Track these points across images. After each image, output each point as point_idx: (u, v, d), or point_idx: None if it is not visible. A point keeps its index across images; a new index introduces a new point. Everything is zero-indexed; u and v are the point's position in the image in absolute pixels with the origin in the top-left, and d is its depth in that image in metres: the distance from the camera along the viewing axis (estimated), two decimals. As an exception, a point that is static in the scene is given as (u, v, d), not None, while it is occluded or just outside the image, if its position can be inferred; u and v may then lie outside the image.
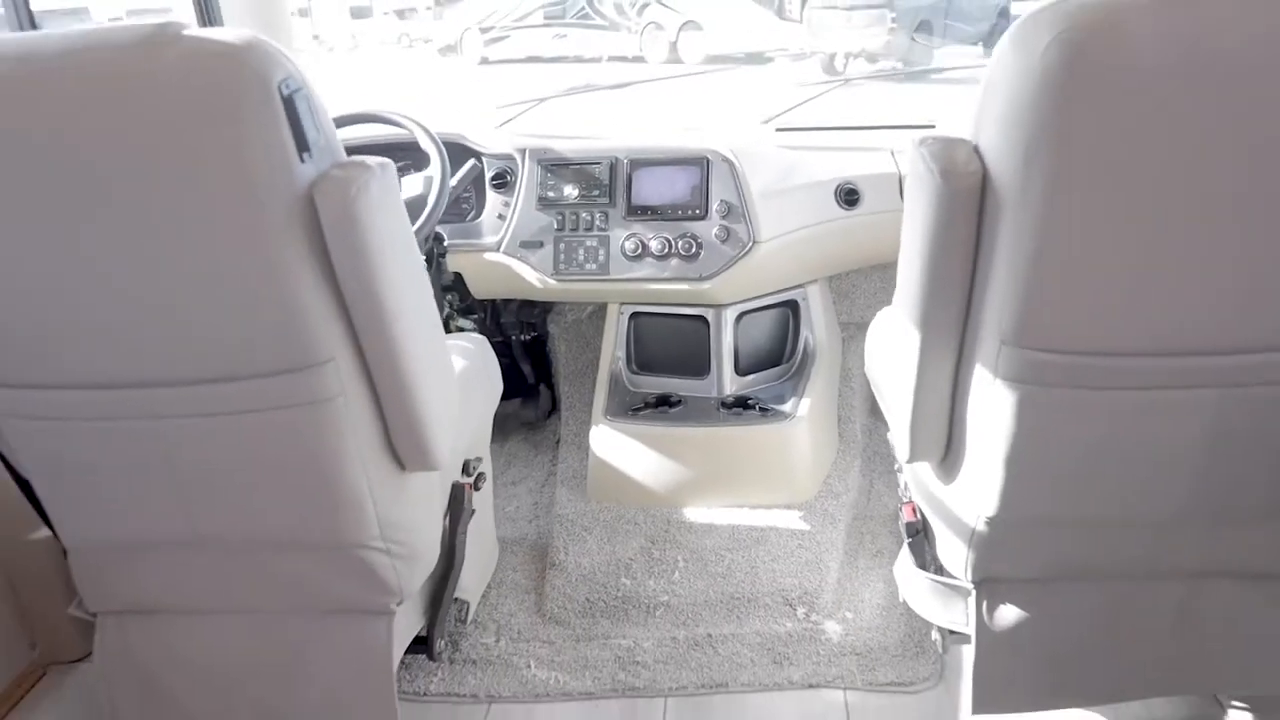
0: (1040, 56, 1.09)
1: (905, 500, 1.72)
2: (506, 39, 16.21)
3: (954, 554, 1.54)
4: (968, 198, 1.22)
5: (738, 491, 2.18)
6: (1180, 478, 1.34)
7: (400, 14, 19.21)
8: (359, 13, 19.02)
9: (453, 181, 2.14)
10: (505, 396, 2.11)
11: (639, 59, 15.16)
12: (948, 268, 1.28)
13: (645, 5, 15.31)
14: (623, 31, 15.42)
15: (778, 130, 2.77)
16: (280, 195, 1.23)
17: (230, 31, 1.22)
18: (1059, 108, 1.09)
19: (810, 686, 1.78)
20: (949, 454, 1.47)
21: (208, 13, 2.42)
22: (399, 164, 1.53)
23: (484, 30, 16.37)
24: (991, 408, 1.32)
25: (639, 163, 2.27)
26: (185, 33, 1.20)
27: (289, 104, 1.22)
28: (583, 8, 15.81)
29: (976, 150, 1.22)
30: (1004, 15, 13.12)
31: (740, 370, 2.32)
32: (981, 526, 1.45)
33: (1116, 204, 1.13)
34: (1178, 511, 1.38)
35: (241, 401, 1.36)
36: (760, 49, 14.98)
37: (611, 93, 3.30)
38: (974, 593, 1.54)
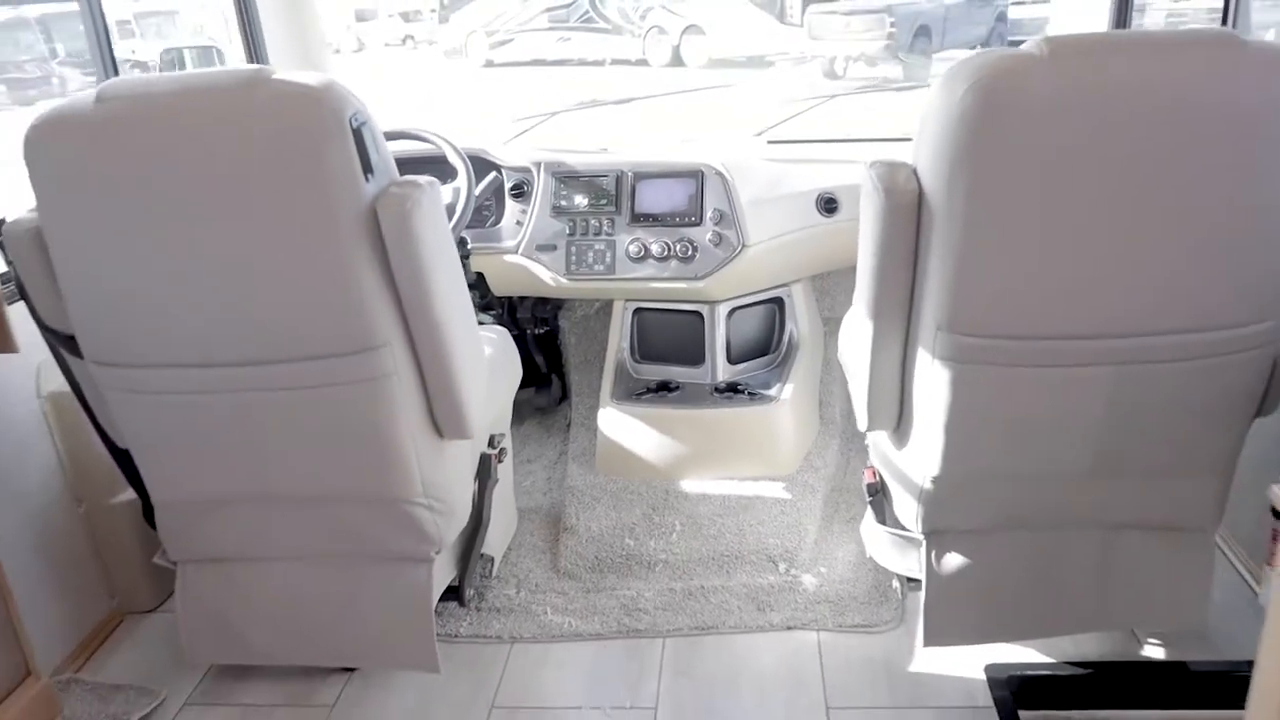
0: (960, 99, 1.37)
1: (868, 465, 2.00)
2: (511, 42, 16.51)
3: (907, 509, 1.82)
4: (907, 212, 1.50)
5: (728, 465, 2.47)
6: (1087, 440, 1.62)
7: (405, 16, 19.46)
8: (363, 15, 19.26)
9: (476, 191, 2.43)
10: (520, 386, 2.39)
11: (642, 62, 15.41)
12: (893, 268, 1.57)
13: (648, 9, 15.53)
14: (626, 35, 15.70)
15: (769, 143, 3.05)
16: (349, 209, 1.52)
17: (311, 75, 1.51)
18: (972, 140, 1.38)
19: (788, 629, 2.06)
20: (901, 423, 1.76)
21: (255, 48, 2.71)
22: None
23: (489, 34, 16.64)
24: (932, 383, 1.60)
25: (641, 175, 2.55)
26: (274, 77, 1.49)
27: (357, 135, 1.51)
28: (586, 11, 16.03)
29: (914, 173, 1.51)
30: (1001, 20, 13.38)
31: (731, 359, 2.60)
32: (928, 484, 1.73)
33: (1021, 217, 1.42)
34: (1087, 469, 1.66)
35: (311, 378, 1.64)
36: (761, 53, 15.26)
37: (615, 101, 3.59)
38: (924, 543, 1.82)
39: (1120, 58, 1.37)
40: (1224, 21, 2.31)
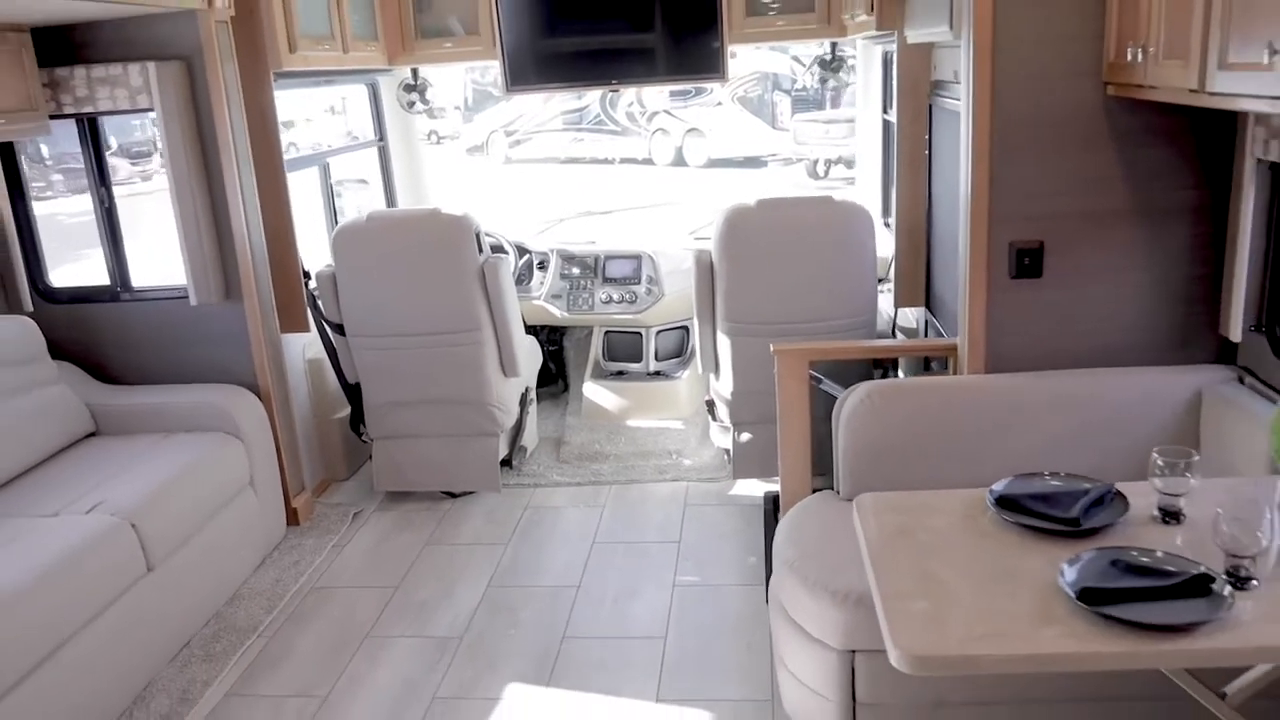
0: (722, 222, 3.47)
1: (707, 394, 4.03)
2: (529, 141, 18.38)
3: (723, 412, 3.86)
4: (708, 272, 3.60)
5: (653, 413, 4.52)
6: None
7: (429, 112, 21.10)
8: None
9: (519, 263, 4.54)
10: (539, 385, 4.45)
11: (648, 161, 17.25)
12: (705, 296, 3.65)
13: (655, 114, 17.39)
14: (633, 136, 17.54)
15: (696, 239, 5.18)
16: (471, 268, 3.62)
17: (458, 210, 3.63)
18: (725, 242, 3.48)
19: (675, 481, 4.08)
20: (717, 368, 3.81)
21: (390, 190, 4.90)
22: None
23: (508, 134, 18.43)
24: (725, 347, 3.66)
25: (609, 256, 4.67)
26: (442, 212, 3.61)
27: (477, 236, 3.62)
28: (598, 115, 17.73)
29: (710, 253, 3.59)
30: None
31: (658, 358, 4.66)
32: (730, 398, 3.76)
33: (738, 274, 3.49)
34: (795, 387, 3.69)
35: (449, 342, 3.73)
36: (756, 154, 17.06)
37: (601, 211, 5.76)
38: (732, 429, 3.84)
39: (782, 209, 3.48)
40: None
